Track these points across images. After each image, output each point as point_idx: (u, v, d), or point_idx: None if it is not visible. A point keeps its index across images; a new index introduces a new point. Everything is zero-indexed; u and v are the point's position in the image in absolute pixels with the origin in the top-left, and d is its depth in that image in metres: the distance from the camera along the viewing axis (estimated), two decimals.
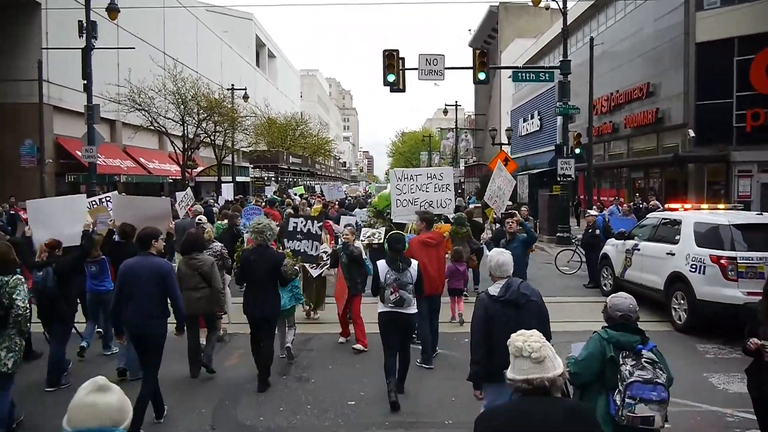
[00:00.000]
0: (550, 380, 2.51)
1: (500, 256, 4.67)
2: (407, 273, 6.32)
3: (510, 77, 52.29)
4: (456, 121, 50.14)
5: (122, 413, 2.18)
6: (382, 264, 6.44)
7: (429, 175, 9.92)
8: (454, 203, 10.21)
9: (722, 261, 8.20)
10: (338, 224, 11.98)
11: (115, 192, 10.29)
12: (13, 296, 5.06)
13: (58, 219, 7.68)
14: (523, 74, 19.73)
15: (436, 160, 65.24)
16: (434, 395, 6.63)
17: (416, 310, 6.51)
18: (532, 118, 44.95)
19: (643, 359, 3.68)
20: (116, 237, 7.51)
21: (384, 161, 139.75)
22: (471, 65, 19.18)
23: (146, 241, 5.93)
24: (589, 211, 14.15)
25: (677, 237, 9.20)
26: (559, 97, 19.62)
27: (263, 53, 68.36)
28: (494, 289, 4.56)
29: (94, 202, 9.24)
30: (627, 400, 3.57)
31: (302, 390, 6.76)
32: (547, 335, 4.22)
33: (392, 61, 18.48)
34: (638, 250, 10.25)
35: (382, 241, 9.68)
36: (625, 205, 17.26)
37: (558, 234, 19.96)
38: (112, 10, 19.40)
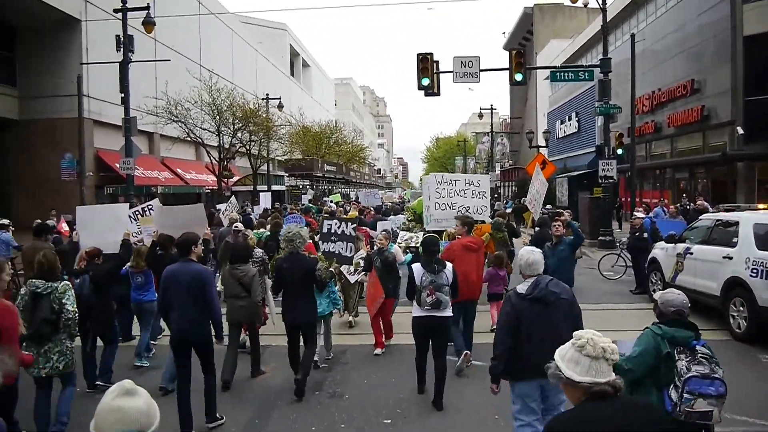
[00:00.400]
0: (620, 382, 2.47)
1: (531, 255, 4.65)
2: (443, 275, 6.30)
3: (546, 78, 52.07)
4: (491, 125, 49.49)
5: (150, 417, 2.14)
6: (417, 267, 6.43)
7: (467, 182, 10.10)
8: (490, 210, 10.29)
9: None
10: (374, 230, 12.03)
11: (156, 200, 10.35)
12: (63, 301, 5.34)
13: (103, 225, 7.94)
14: (562, 74, 19.14)
15: (472, 165, 64.57)
16: (474, 412, 6.25)
17: (451, 314, 6.47)
18: (569, 119, 43.98)
19: (699, 354, 3.65)
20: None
21: (419, 167, 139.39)
22: (507, 67, 18.77)
23: (186, 247, 5.98)
24: (635, 213, 13.49)
25: (735, 240, 8.58)
26: (600, 96, 18.98)
27: (297, 63, 68.96)
28: (522, 287, 4.55)
29: (137, 212, 9.46)
30: (685, 396, 3.53)
31: (336, 407, 6.45)
32: None
33: (426, 64, 18.17)
34: (691, 254, 9.63)
35: (419, 245, 9.56)
36: (672, 206, 16.46)
37: (600, 238, 19.27)
38: (148, 24, 19.56)
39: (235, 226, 11.07)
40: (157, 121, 27.35)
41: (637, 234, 11.94)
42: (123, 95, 19.87)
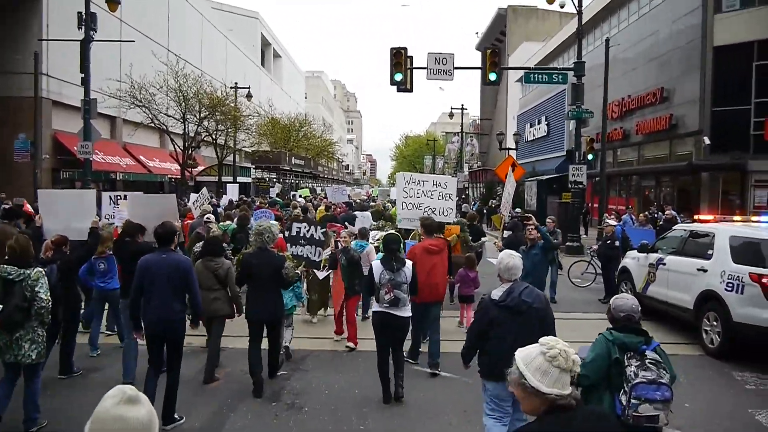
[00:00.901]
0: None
1: (510, 260, 4.73)
2: (402, 273, 6.35)
3: (518, 81, 52.41)
4: (462, 126, 49.41)
5: (151, 429, 1.98)
6: (376, 264, 6.51)
7: (435, 183, 10.08)
8: (455, 212, 10.24)
9: (764, 280, 7.39)
10: (351, 224, 12.09)
11: (141, 193, 10.20)
12: (36, 289, 5.23)
13: (68, 212, 7.72)
14: (536, 75, 18.99)
15: (440, 165, 64.48)
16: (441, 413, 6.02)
17: (410, 313, 6.53)
18: (539, 123, 44.18)
19: (647, 360, 3.76)
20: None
21: (387, 165, 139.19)
22: (480, 66, 18.51)
23: (168, 237, 5.97)
24: (606, 220, 13.33)
25: (710, 252, 8.39)
26: (572, 100, 18.89)
27: (268, 53, 67.83)
28: (497, 293, 4.62)
29: (119, 197, 9.45)
30: (632, 401, 3.65)
31: (294, 420, 5.98)
32: None
33: (400, 59, 17.81)
34: (663, 264, 9.46)
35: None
36: (641, 215, 16.39)
37: (568, 243, 19.20)
38: (112, 2, 18.68)
39: (207, 218, 10.93)
40: (120, 105, 26.35)
41: (609, 242, 11.75)
42: (83, 75, 18.93)
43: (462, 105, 47.17)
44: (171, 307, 5.67)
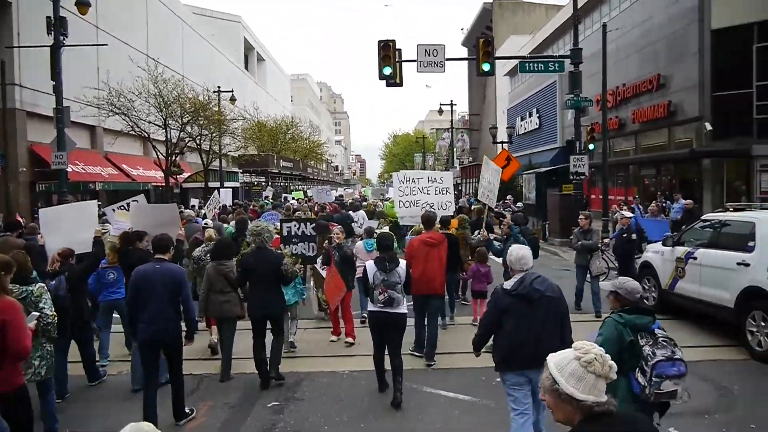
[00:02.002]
0: None
1: (520, 250, 4.79)
2: (395, 273, 6.40)
3: (506, 75, 51.68)
4: (452, 121, 48.64)
5: None
6: (370, 265, 6.56)
7: (430, 179, 10.24)
8: (454, 205, 10.34)
9: None
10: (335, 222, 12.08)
11: (142, 195, 10.21)
12: (40, 305, 5.14)
13: (70, 225, 7.73)
14: (531, 64, 18.09)
15: (431, 162, 63.74)
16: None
17: (405, 311, 6.54)
18: (530, 116, 43.54)
19: (659, 338, 3.84)
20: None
21: (377, 164, 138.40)
22: (474, 56, 17.69)
23: (163, 247, 6.12)
24: (621, 211, 12.44)
25: (751, 243, 7.56)
26: (570, 88, 18.05)
27: (252, 57, 66.91)
28: (509, 283, 4.70)
29: (122, 207, 9.59)
30: (654, 379, 3.73)
31: None
32: (566, 330, 4.57)
33: (388, 52, 16.91)
34: (694, 258, 8.60)
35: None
36: (653, 203, 15.53)
37: (571, 237, 18.41)
38: (82, 5, 17.69)
39: (205, 223, 11.40)
40: (99, 114, 25.31)
41: (624, 235, 10.85)
42: (54, 83, 17.90)
43: (451, 101, 46.32)
44: (166, 316, 5.76)
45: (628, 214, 11.70)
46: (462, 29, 69.49)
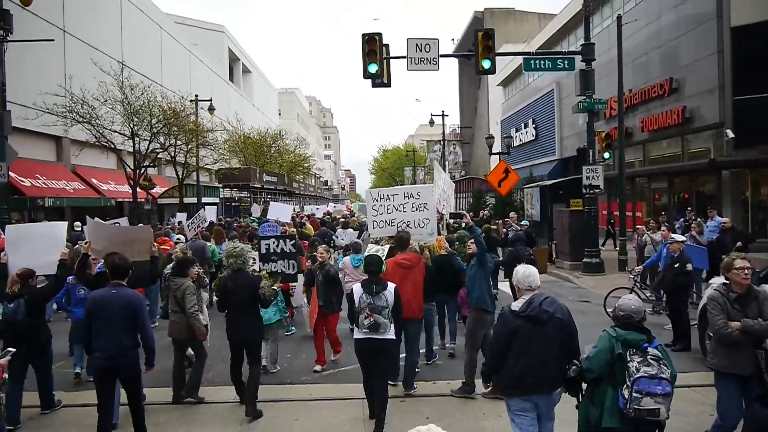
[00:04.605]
0: None
1: (526, 268, 4.69)
2: (382, 296, 6.14)
3: (500, 84, 49.88)
4: (443, 132, 46.69)
5: None
6: (356, 287, 6.33)
7: (406, 195, 9.46)
8: (434, 222, 9.25)
9: None
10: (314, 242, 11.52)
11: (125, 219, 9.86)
12: None
13: (36, 245, 7.54)
14: (537, 62, 15.95)
15: (421, 176, 61.81)
16: None
17: (393, 336, 6.30)
18: (525, 127, 41.71)
19: (649, 356, 3.98)
20: (101, 266, 7.27)
21: (366, 179, 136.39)
22: (470, 53, 15.60)
23: (121, 271, 5.84)
24: (672, 235, 10.03)
25: None
26: (581, 89, 16.02)
27: (237, 68, 64.98)
28: (517, 305, 4.57)
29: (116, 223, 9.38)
30: (634, 395, 3.89)
31: None
32: (575, 352, 4.46)
33: (374, 46, 14.84)
34: None
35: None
36: (693, 223, 13.10)
37: (585, 260, 16.20)
38: None
39: (177, 239, 11.24)
40: (57, 122, 23.00)
41: (677, 265, 8.53)
42: None
43: (443, 111, 44.36)
44: (121, 344, 5.55)
45: (680, 237, 9.30)
46: (453, 39, 67.90)
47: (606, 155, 17.25)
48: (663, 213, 16.18)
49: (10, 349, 4.82)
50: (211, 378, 7.97)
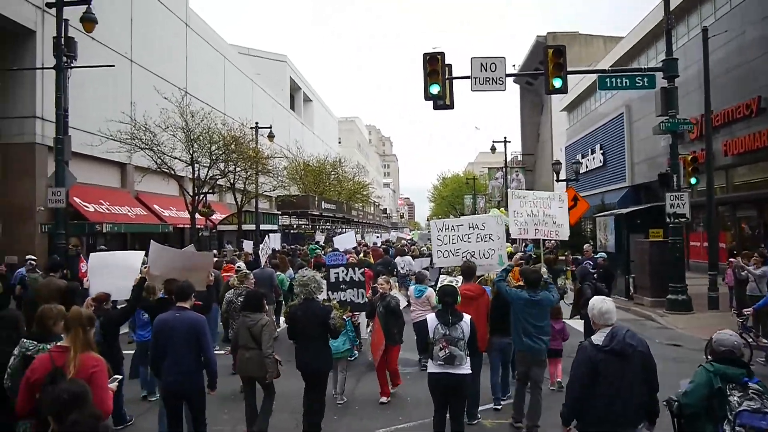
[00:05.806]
0: None
1: (603, 304, 4.51)
2: (458, 328, 5.95)
3: (563, 110, 48.31)
4: (505, 159, 45.41)
5: None
6: (431, 317, 6.19)
7: (470, 225, 9.61)
8: (499, 252, 9.25)
9: None
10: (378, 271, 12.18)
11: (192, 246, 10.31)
12: None
13: (115, 272, 7.83)
14: (614, 80, 14.78)
15: (482, 204, 60.41)
16: None
17: (469, 371, 6.06)
18: (592, 153, 39.96)
19: (750, 390, 3.81)
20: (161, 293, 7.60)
21: (425, 207, 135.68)
22: (539, 72, 14.60)
23: (185, 295, 6.01)
24: (748, 267, 8.85)
25: None
26: (663, 109, 14.70)
27: (298, 97, 65.94)
28: (598, 338, 4.41)
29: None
30: (737, 429, 3.69)
31: None
32: (654, 387, 4.36)
33: (435, 66, 14.04)
34: None
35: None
36: None
37: (669, 296, 14.63)
38: (87, 21, 15.58)
39: (238, 267, 11.12)
40: (120, 149, 23.28)
41: None
42: (57, 110, 15.77)
43: (505, 137, 43.16)
44: (186, 367, 5.69)
45: None
46: (513, 65, 66.71)
47: (693, 180, 15.72)
48: (762, 246, 14.56)
49: (117, 376, 4.94)
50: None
